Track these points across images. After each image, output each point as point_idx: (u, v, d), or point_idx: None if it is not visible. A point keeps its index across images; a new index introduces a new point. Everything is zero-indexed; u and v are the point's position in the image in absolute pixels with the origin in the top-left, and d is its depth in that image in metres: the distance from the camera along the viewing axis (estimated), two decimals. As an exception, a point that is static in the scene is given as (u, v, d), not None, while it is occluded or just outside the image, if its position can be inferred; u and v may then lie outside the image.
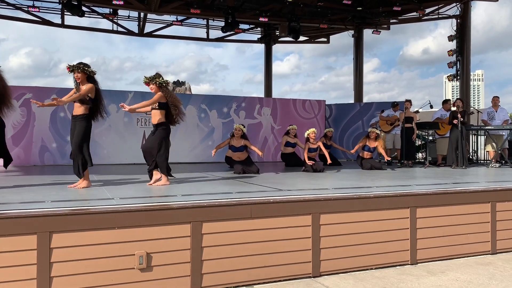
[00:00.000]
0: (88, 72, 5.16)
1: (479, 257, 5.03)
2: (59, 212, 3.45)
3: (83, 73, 5.14)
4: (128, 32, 14.92)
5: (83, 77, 5.16)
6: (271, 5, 13.14)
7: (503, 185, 5.61)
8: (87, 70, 5.15)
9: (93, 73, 5.22)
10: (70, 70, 5.16)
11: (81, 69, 5.11)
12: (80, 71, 5.12)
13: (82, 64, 5.15)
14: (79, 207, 3.66)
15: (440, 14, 13.56)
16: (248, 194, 4.64)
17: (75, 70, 5.13)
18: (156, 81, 5.51)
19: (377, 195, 4.65)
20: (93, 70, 5.21)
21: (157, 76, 5.55)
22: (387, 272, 4.43)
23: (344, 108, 13.47)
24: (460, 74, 13.15)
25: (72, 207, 3.65)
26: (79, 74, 5.12)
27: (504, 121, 10.04)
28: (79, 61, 5.23)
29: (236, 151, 7.84)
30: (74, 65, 5.15)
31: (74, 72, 5.15)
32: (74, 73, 5.14)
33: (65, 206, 3.70)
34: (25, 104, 9.74)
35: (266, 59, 17.39)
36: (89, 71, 5.17)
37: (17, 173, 7.55)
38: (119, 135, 10.56)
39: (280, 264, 4.12)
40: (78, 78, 5.15)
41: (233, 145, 7.89)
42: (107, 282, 3.51)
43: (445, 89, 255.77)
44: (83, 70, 5.13)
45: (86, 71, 5.15)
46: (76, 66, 5.13)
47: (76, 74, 5.14)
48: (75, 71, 5.13)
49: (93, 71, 5.21)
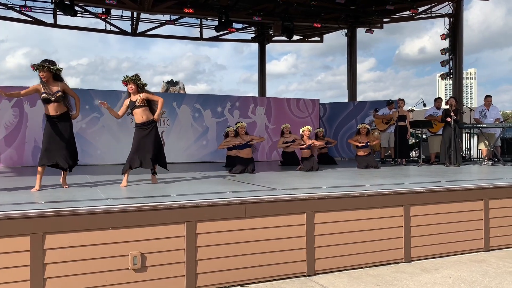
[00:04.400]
0: (54, 70, 5.01)
1: (473, 254, 5.06)
2: (52, 213, 3.43)
3: (49, 72, 4.99)
4: (121, 32, 14.86)
5: (49, 76, 5.01)
6: (265, 4, 13.15)
7: (496, 182, 5.64)
8: (52, 69, 4.99)
9: (59, 70, 5.08)
10: (35, 69, 4.97)
11: (46, 67, 4.95)
12: (46, 70, 4.96)
13: (47, 62, 4.98)
14: (72, 207, 3.63)
15: (433, 13, 13.63)
16: (242, 193, 4.64)
17: (39, 69, 4.95)
18: (135, 81, 5.58)
19: (371, 193, 4.66)
20: (59, 68, 5.08)
21: (136, 77, 5.61)
22: (381, 270, 4.45)
23: (338, 107, 13.51)
24: (453, 72, 13.24)
25: (66, 207, 3.63)
26: (45, 73, 4.96)
27: (496, 119, 10.11)
28: (44, 59, 5.07)
29: (244, 148, 7.67)
30: (39, 64, 4.98)
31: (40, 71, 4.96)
32: (40, 72, 4.96)
33: (58, 207, 3.68)
34: (18, 104, 9.67)
35: (260, 58, 17.41)
36: (55, 69, 5.02)
37: (9, 174, 7.49)
38: (113, 135, 10.52)
39: (274, 263, 4.13)
40: (44, 77, 4.97)
41: (240, 143, 7.70)
42: (101, 283, 3.49)
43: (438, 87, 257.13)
44: (48, 69, 4.97)
45: (52, 70, 5.00)
46: (41, 65, 4.95)
47: (42, 73, 4.95)
48: (41, 70, 4.95)
49: (59, 69, 5.07)
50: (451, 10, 13.06)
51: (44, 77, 4.97)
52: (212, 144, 11.52)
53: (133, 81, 5.57)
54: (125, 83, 5.62)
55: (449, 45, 13.18)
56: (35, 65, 4.96)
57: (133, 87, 5.56)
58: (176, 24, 14.63)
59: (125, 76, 5.62)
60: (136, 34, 15.10)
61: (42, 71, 4.94)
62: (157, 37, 15.93)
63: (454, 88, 13.38)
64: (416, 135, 12.35)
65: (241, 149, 7.67)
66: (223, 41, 16.57)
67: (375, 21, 14.49)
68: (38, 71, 4.96)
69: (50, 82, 5.02)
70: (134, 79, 5.58)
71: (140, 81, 5.62)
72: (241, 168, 7.39)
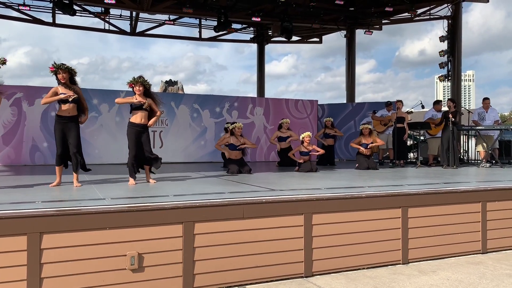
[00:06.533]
0: (71, 71, 5.22)
1: (470, 256, 5.07)
2: (50, 213, 3.42)
3: (68, 73, 5.20)
4: (120, 31, 14.85)
5: (67, 77, 5.24)
6: (264, 5, 13.14)
7: (494, 185, 5.65)
8: (71, 69, 5.22)
9: (75, 72, 5.30)
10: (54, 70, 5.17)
11: (66, 68, 5.16)
12: (66, 71, 5.17)
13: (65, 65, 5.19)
14: (70, 207, 3.63)
15: (432, 15, 13.65)
16: (240, 194, 4.63)
17: (60, 69, 5.15)
18: (141, 82, 5.63)
19: (369, 195, 4.66)
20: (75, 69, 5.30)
21: (142, 78, 5.66)
22: (379, 271, 4.45)
23: (336, 108, 13.52)
24: (451, 74, 13.24)
25: (63, 207, 3.62)
26: (65, 74, 5.17)
27: (494, 121, 10.13)
28: (61, 62, 5.24)
29: (234, 150, 7.69)
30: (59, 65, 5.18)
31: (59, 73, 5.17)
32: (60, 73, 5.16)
33: (56, 206, 3.67)
34: (16, 103, 9.66)
35: (259, 59, 17.41)
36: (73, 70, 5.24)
37: (7, 173, 7.48)
38: (111, 134, 10.51)
39: (272, 264, 4.12)
40: (63, 78, 5.18)
41: (233, 143, 7.68)
42: (98, 283, 3.49)
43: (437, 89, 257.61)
44: (68, 70, 5.18)
45: (71, 70, 5.22)
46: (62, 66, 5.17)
47: (62, 75, 5.16)
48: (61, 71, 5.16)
49: (75, 71, 5.29)
50: (450, 12, 13.08)
51: (63, 79, 5.16)
52: (210, 144, 11.51)
53: (141, 83, 5.64)
54: (131, 85, 5.65)
55: (447, 47, 13.19)
56: (55, 66, 5.14)
57: (141, 89, 5.64)
58: (175, 24, 14.63)
59: (134, 78, 5.65)
60: (135, 34, 15.09)
61: (63, 72, 5.13)
62: (156, 37, 15.92)
63: (452, 90, 13.40)
64: (414, 137, 12.36)
65: (232, 149, 7.69)
66: (222, 41, 16.57)
67: (374, 23, 14.50)
68: (56, 73, 5.14)
69: (68, 84, 5.21)
70: (142, 81, 5.64)
71: (147, 82, 5.71)
72: (236, 168, 7.39)
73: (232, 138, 7.73)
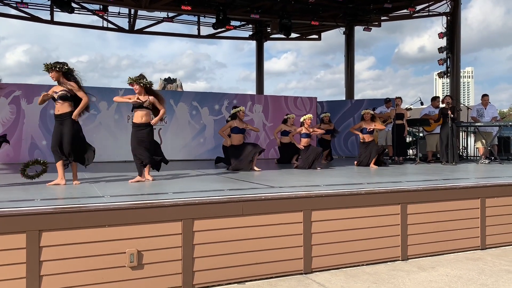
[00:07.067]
0: (59, 69, 5.12)
1: (469, 252, 5.07)
2: (49, 211, 3.42)
3: (56, 72, 5.12)
4: (118, 29, 14.81)
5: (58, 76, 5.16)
6: (263, 2, 13.11)
7: (493, 181, 5.66)
8: (59, 68, 5.13)
9: (68, 70, 5.19)
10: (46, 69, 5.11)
11: (53, 67, 5.08)
12: (53, 70, 5.08)
13: (59, 64, 5.12)
14: (69, 205, 3.62)
15: (431, 12, 13.63)
16: (239, 191, 4.64)
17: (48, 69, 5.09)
18: (140, 82, 5.58)
19: (368, 191, 4.66)
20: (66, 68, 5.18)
21: (141, 77, 5.61)
22: (378, 268, 4.46)
23: (335, 105, 13.51)
24: (450, 71, 13.24)
25: (62, 205, 3.62)
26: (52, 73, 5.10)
27: (493, 118, 10.13)
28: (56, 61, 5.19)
29: (238, 133, 7.79)
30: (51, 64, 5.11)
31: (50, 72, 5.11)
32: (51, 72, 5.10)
33: (55, 204, 3.67)
34: (15, 101, 9.65)
35: (258, 56, 17.37)
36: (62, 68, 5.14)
37: (6, 171, 7.47)
38: (110, 132, 10.50)
39: (271, 261, 4.13)
40: (52, 77, 5.13)
41: (237, 126, 7.81)
42: (98, 280, 3.49)
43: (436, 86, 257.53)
44: (55, 69, 5.10)
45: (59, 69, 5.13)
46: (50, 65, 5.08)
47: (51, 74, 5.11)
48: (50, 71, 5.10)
49: (68, 69, 5.18)
50: (449, 8, 13.06)
51: (53, 78, 5.12)
52: (209, 142, 11.51)
53: (136, 82, 5.58)
54: (132, 84, 5.62)
55: (446, 43, 13.18)
56: (45, 67, 5.10)
57: (138, 87, 5.60)
58: (173, 21, 14.58)
59: (130, 78, 5.61)
60: (133, 31, 15.04)
61: (51, 71, 5.08)
62: (154, 34, 15.85)
63: (451, 86, 13.40)
64: (413, 134, 12.36)
65: (236, 133, 7.77)
66: (220, 38, 16.55)
67: (373, 19, 14.48)
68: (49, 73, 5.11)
69: (61, 81, 5.14)
70: (140, 80, 5.58)
71: (146, 81, 5.64)
72: (235, 163, 7.43)
73: (236, 122, 7.83)
